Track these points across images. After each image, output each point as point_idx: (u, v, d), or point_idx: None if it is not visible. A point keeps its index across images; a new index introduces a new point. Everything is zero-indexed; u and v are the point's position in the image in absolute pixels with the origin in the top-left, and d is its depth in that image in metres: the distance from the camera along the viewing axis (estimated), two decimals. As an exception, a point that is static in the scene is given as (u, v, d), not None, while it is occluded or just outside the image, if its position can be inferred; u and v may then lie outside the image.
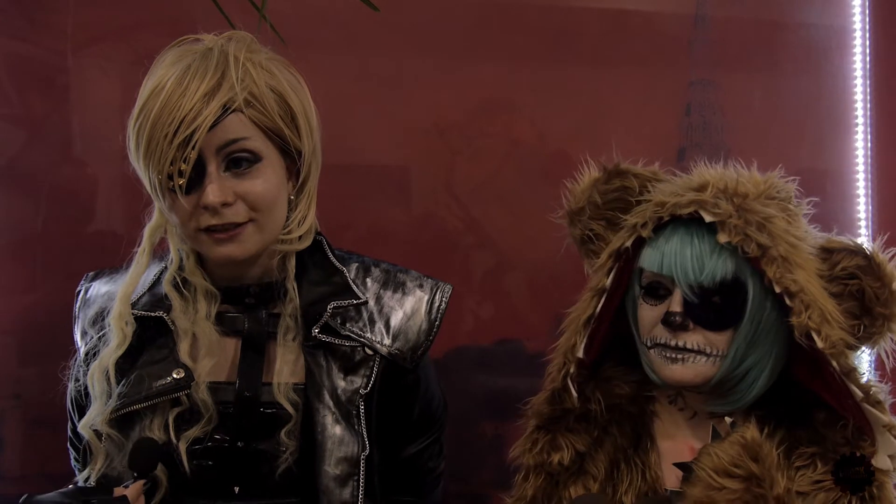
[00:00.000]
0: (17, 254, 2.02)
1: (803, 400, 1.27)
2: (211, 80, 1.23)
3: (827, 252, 1.26)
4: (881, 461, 1.21)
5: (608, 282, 1.28)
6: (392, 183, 2.21)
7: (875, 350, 1.27)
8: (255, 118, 1.26)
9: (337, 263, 1.41)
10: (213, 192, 1.23)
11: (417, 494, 1.47)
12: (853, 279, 1.24)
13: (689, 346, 1.23)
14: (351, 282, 1.39)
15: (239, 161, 1.25)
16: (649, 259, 1.25)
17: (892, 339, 1.25)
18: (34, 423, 1.98)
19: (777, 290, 1.18)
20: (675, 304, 1.23)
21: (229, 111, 1.23)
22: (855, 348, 1.23)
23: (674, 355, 1.23)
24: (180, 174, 1.22)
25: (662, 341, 1.24)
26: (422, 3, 2.21)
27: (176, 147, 1.21)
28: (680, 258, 1.21)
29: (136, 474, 1.24)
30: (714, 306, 1.22)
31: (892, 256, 1.26)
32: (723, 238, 1.19)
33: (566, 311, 1.35)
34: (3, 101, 2.03)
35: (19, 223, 2.02)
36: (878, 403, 1.21)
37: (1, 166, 2.01)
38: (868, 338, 1.25)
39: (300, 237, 1.35)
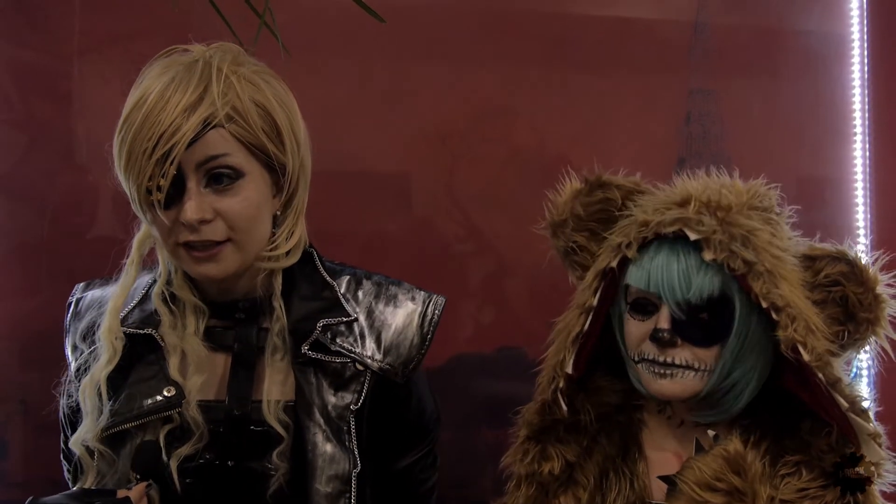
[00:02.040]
0: (20, 259, 2.02)
1: (789, 409, 1.27)
2: (192, 95, 1.20)
3: (810, 260, 1.26)
4: (866, 469, 1.21)
5: (595, 300, 1.28)
6: (393, 189, 2.21)
7: (869, 360, 1.28)
8: (236, 133, 1.23)
9: (328, 277, 1.38)
10: (191, 209, 1.21)
11: None
12: (836, 286, 1.24)
13: (677, 361, 1.23)
14: (341, 297, 1.36)
15: (219, 177, 1.23)
16: (635, 277, 1.25)
17: (876, 343, 1.25)
18: (38, 429, 1.98)
19: (764, 305, 1.18)
20: (663, 321, 1.22)
21: (210, 126, 1.20)
22: (839, 355, 1.24)
23: (662, 371, 1.24)
24: (159, 189, 1.20)
25: (650, 357, 1.24)
26: (424, 11, 2.21)
27: (154, 162, 1.18)
28: (666, 275, 1.21)
29: (138, 476, 1.24)
30: (701, 322, 1.22)
31: (876, 260, 1.26)
32: (708, 256, 1.19)
33: (557, 321, 1.35)
34: (6, 107, 2.04)
35: (22, 229, 2.03)
36: (862, 412, 1.21)
37: (4, 172, 2.02)
38: (853, 343, 1.25)
39: (288, 253, 1.32)
